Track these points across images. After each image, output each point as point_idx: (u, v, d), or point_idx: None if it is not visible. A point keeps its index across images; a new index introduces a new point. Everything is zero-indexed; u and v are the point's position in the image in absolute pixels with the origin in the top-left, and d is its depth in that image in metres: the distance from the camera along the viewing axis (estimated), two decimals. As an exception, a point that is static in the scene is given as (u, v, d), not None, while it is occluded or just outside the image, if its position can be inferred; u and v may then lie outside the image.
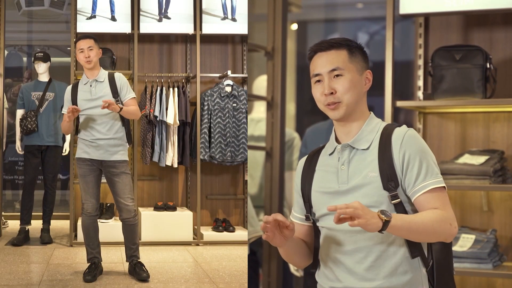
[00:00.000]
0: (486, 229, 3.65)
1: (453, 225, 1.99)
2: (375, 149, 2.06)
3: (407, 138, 2.03)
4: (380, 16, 5.21)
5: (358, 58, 2.10)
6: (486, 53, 3.55)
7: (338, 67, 2.06)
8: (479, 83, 3.52)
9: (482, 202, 3.73)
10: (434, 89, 3.64)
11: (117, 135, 4.30)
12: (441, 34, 3.90)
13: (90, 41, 4.33)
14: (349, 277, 2.04)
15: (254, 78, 5.17)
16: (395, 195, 2.01)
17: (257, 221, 4.24)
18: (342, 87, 2.05)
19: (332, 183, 2.09)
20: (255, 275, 4.48)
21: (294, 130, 5.47)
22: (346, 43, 2.09)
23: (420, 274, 2.05)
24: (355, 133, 2.10)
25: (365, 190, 2.03)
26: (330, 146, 2.16)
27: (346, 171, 2.07)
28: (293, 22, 6.82)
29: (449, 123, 3.86)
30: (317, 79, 2.09)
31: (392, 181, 2.01)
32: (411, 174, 2.01)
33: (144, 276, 4.29)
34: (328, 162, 2.14)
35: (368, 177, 2.02)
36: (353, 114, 2.08)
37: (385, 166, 2.02)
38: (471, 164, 3.50)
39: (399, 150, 2.02)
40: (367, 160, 2.05)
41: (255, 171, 4.52)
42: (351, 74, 2.06)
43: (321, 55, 2.09)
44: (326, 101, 2.07)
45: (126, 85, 4.36)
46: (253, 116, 4.75)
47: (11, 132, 6.45)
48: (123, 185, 4.27)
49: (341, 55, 2.07)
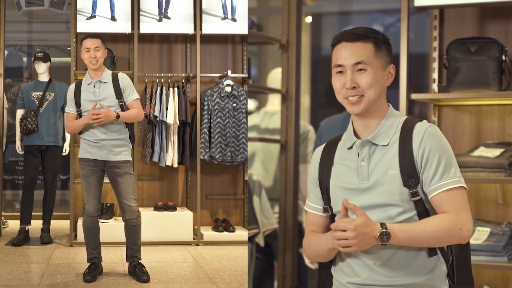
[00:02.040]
0: (501, 222, 3.65)
1: (464, 229, 1.96)
2: (395, 145, 2.03)
3: (428, 134, 2.00)
4: (395, 9, 5.20)
5: (383, 52, 2.05)
6: (501, 45, 3.53)
7: (363, 61, 2.01)
8: (494, 75, 3.50)
9: (497, 195, 3.72)
10: (449, 81, 3.62)
11: (121, 135, 4.29)
12: (456, 26, 3.87)
13: (97, 41, 4.29)
14: (368, 273, 2.03)
15: (268, 71, 5.17)
16: (415, 192, 1.99)
17: (272, 213, 4.25)
18: (365, 82, 2.01)
19: (352, 179, 2.06)
20: (270, 268, 4.48)
21: (309, 122, 5.46)
22: (373, 36, 2.03)
23: (440, 271, 2.04)
24: (374, 127, 2.06)
25: (385, 188, 2.00)
26: (348, 139, 2.12)
27: (366, 168, 2.04)
28: (308, 14, 6.81)
29: (464, 116, 3.84)
30: (339, 70, 2.04)
31: (412, 178, 1.99)
32: (428, 172, 1.98)
33: (145, 279, 4.29)
34: (347, 157, 2.10)
35: (388, 175, 2.00)
36: (372, 109, 2.05)
37: (405, 163, 1.99)
38: (486, 157, 3.48)
39: (419, 146, 1.99)
40: (388, 156, 2.02)
41: (270, 164, 4.52)
42: (375, 70, 2.02)
43: (345, 46, 2.03)
44: (347, 94, 2.02)
45: (130, 86, 4.33)
46: (268, 109, 4.75)
47: (11, 132, 6.45)
48: (126, 185, 4.26)
49: (367, 49, 2.02)
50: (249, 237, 4.12)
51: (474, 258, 3.46)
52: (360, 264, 2.05)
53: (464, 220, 1.97)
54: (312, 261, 2.29)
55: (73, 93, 4.33)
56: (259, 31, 5.50)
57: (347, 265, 2.09)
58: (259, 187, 4.21)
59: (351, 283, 2.08)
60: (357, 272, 2.06)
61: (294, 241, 4.05)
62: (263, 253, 4.32)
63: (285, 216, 4.11)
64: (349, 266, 2.08)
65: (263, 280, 4.37)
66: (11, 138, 6.51)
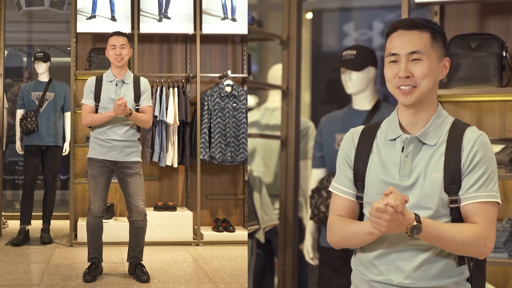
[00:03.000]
0: (502, 218, 3.64)
1: (488, 246, 1.94)
2: (442, 146, 1.98)
3: (480, 142, 1.96)
4: (395, 5, 5.20)
5: (440, 44, 2.00)
6: (502, 42, 3.52)
7: (418, 50, 1.95)
8: (495, 71, 3.50)
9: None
10: (450, 77, 3.61)
11: (133, 138, 4.28)
12: (457, 22, 3.86)
13: (123, 39, 4.27)
14: (395, 273, 2.00)
15: (269, 67, 5.17)
16: (456, 200, 1.94)
17: (272, 209, 4.25)
18: (420, 72, 1.95)
19: (393, 173, 2.00)
20: (270, 264, 4.48)
21: (309, 119, 5.46)
22: (430, 26, 1.99)
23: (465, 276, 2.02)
24: (423, 124, 2.01)
25: (425, 190, 1.96)
26: (392, 131, 2.05)
27: (409, 164, 1.99)
28: (308, 11, 6.82)
29: (465, 112, 3.83)
30: (393, 59, 1.98)
31: (455, 184, 1.94)
32: (469, 179, 1.94)
33: (145, 279, 4.28)
34: (389, 149, 2.04)
35: (431, 177, 1.95)
36: (424, 102, 1.99)
37: (451, 167, 1.95)
38: None
39: (469, 151, 1.94)
40: (433, 157, 1.98)
41: (270, 160, 4.52)
42: (430, 60, 1.97)
43: (402, 34, 1.98)
44: (399, 83, 1.97)
45: (148, 92, 4.33)
46: (268, 105, 4.75)
47: (11, 132, 6.45)
48: (136, 186, 4.25)
49: (423, 38, 1.97)
50: (249, 233, 4.12)
51: (474, 255, 3.47)
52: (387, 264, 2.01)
53: (491, 237, 1.94)
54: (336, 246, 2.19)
55: (93, 86, 4.28)
56: (259, 27, 5.50)
57: (370, 263, 2.05)
58: (260, 183, 4.21)
59: (375, 281, 2.04)
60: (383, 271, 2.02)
61: (294, 237, 4.05)
62: (263, 249, 4.32)
63: (286, 212, 4.11)
64: (372, 265, 2.05)
65: (264, 276, 4.37)
66: (11, 138, 6.51)
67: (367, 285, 2.06)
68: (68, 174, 6.18)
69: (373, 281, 2.04)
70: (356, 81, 3.71)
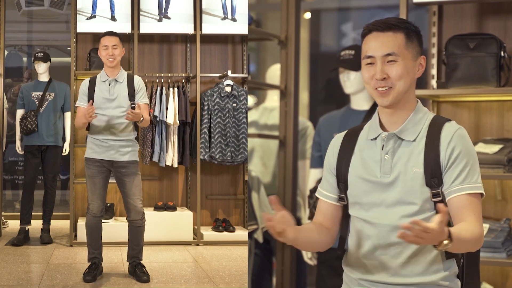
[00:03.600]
0: (500, 218, 3.64)
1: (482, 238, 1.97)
2: (421, 142, 2.00)
3: (457, 135, 1.98)
4: (393, 5, 5.20)
5: (415, 43, 2.03)
6: (500, 42, 3.53)
7: (393, 52, 1.98)
8: (493, 71, 3.50)
9: (496, 191, 3.71)
10: (448, 77, 3.62)
11: (130, 137, 4.28)
12: (455, 22, 3.87)
13: (115, 39, 4.29)
14: (382, 272, 2.01)
15: (267, 67, 5.17)
16: (437, 193, 1.96)
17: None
18: (395, 73, 1.98)
19: (373, 171, 2.04)
20: (269, 264, 4.49)
21: (308, 119, 5.47)
22: (404, 26, 2.01)
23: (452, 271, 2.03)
24: (402, 121, 2.04)
25: (407, 185, 1.98)
26: (373, 130, 2.09)
27: (389, 161, 2.01)
28: (306, 10, 6.83)
29: (463, 112, 3.83)
30: (369, 61, 2.01)
31: (435, 178, 1.96)
32: (451, 173, 1.96)
33: (145, 279, 4.28)
34: (370, 148, 2.08)
35: (412, 172, 1.97)
36: (402, 101, 2.02)
37: (431, 162, 1.97)
38: (485, 153, 3.48)
39: (448, 146, 1.97)
40: (413, 153, 2.00)
41: (268, 160, 4.53)
42: (406, 61, 1.99)
43: (376, 36, 2.01)
44: (376, 84, 2.00)
45: (143, 90, 4.33)
46: (267, 105, 4.76)
47: (11, 132, 6.45)
48: (133, 185, 4.26)
49: (397, 39, 1.99)
50: (248, 233, 4.12)
51: (473, 254, 3.47)
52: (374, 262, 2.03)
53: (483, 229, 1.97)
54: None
55: (87, 88, 4.30)
56: (258, 27, 5.50)
57: (358, 262, 2.07)
58: (258, 183, 4.22)
59: (364, 280, 2.06)
60: (371, 270, 2.04)
61: (293, 237, 4.05)
62: (262, 249, 4.33)
63: (284, 212, 4.11)
64: (361, 264, 2.06)
65: (262, 276, 4.38)
66: (11, 138, 6.51)
67: (357, 284, 2.07)
68: (68, 174, 6.18)
69: (361, 279, 2.06)
70: (355, 81, 3.72)
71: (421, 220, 1.73)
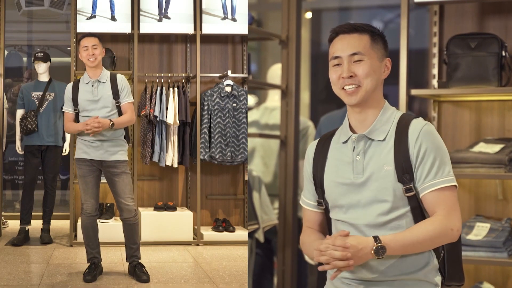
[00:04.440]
0: (501, 218, 3.65)
1: (455, 229, 1.99)
2: (391, 140, 2.05)
3: (424, 132, 2.02)
4: (394, 4, 5.22)
5: (379, 45, 2.08)
6: (501, 41, 3.54)
7: (359, 51, 2.04)
8: (494, 71, 3.51)
9: (497, 190, 3.72)
10: (449, 77, 3.63)
11: (117, 135, 4.30)
12: (456, 22, 3.88)
13: (94, 39, 4.32)
14: (363, 269, 2.04)
15: (268, 66, 5.18)
16: (410, 188, 2.00)
17: (272, 209, 4.26)
18: (362, 72, 2.03)
19: (347, 173, 2.08)
20: (270, 264, 4.49)
21: (309, 118, 5.49)
22: (369, 29, 2.08)
23: (433, 265, 2.07)
24: (370, 122, 2.08)
25: (379, 183, 2.02)
26: (344, 134, 2.14)
27: (361, 162, 2.06)
28: (307, 10, 6.84)
29: (464, 112, 3.84)
30: (336, 62, 2.07)
31: (407, 174, 2.00)
32: (422, 170, 2.00)
33: (144, 279, 4.29)
34: (342, 151, 2.12)
35: (383, 170, 2.02)
36: (369, 101, 2.07)
37: (400, 159, 2.01)
38: (486, 153, 3.49)
39: (415, 143, 2.01)
40: (383, 152, 2.04)
41: (269, 160, 4.53)
42: (372, 60, 2.05)
43: (343, 38, 2.07)
44: (344, 83, 2.05)
45: (127, 88, 4.35)
46: (268, 105, 4.76)
47: (11, 132, 6.45)
48: (123, 185, 4.27)
49: (363, 40, 2.06)
50: (249, 233, 4.12)
51: (474, 254, 3.47)
52: None
53: (455, 220, 1.99)
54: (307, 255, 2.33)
55: (70, 93, 4.34)
56: (259, 27, 5.50)
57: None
58: (259, 182, 4.22)
59: (345, 278, 2.09)
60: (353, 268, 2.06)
61: (294, 237, 4.05)
62: (262, 249, 4.33)
63: (285, 211, 4.11)
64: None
65: (263, 276, 4.38)
66: (11, 138, 6.51)
67: (340, 282, 2.11)
68: (68, 174, 6.18)
69: (344, 277, 2.09)
70: None
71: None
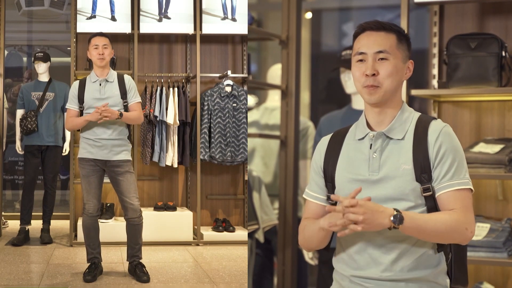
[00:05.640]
0: (501, 218, 3.65)
1: (469, 229, 1.99)
2: (409, 140, 2.04)
3: (444, 133, 2.03)
4: (394, 4, 5.22)
5: (404, 46, 2.08)
6: (501, 41, 3.53)
7: (385, 50, 2.03)
8: (494, 71, 3.51)
9: (497, 191, 3.72)
10: (449, 77, 3.62)
11: (122, 135, 4.30)
12: (456, 22, 3.87)
13: (105, 39, 4.35)
14: (374, 267, 2.03)
15: (268, 67, 5.18)
16: (428, 188, 2.00)
17: (272, 209, 4.25)
18: (385, 71, 2.03)
19: (361, 170, 2.07)
20: (270, 264, 4.49)
21: (309, 118, 5.48)
22: (396, 29, 2.07)
23: (443, 267, 2.07)
24: (388, 121, 2.08)
25: (396, 182, 2.01)
26: (360, 131, 2.13)
27: (378, 160, 2.05)
28: (308, 10, 6.84)
29: (464, 112, 3.84)
30: (360, 58, 2.06)
31: (425, 173, 2.00)
32: (440, 170, 2.00)
33: (145, 279, 4.28)
34: (357, 148, 2.11)
35: (401, 169, 2.01)
36: (388, 101, 2.07)
37: (419, 158, 2.01)
38: (486, 153, 3.48)
39: (435, 143, 2.01)
40: (401, 150, 2.04)
41: (269, 160, 4.53)
42: (396, 60, 2.04)
43: (369, 34, 2.06)
44: (366, 82, 2.04)
45: (134, 89, 4.36)
46: (268, 105, 4.76)
47: (11, 132, 6.45)
48: (128, 184, 4.27)
49: (389, 39, 2.05)
50: (249, 233, 4.12)
51: (474, 254, 3.47)
52: (365, 258, 2.05)
53: (470, 221, 1.99)
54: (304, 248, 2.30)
55: (77, 90, 4.33)
56: (259, 27, 5.50)
57: (350, 258, 2.09)
58: (259, 183, 4.22)
59: (355, 276, 2.07)
60: (362, 266, 2.05)
61: (294, 237, 4.05)
62: (263, 249, 4.33)
63: (285, 212, 4.11)
64: (352, 259, 2.08)
65: (263, 276, 4.38)
66: (11, 138, 6.51)
67: (348, 281, 2.10)
68: (68, 174, 6.18)
69: (353, 276, 2.08)
70: None
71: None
